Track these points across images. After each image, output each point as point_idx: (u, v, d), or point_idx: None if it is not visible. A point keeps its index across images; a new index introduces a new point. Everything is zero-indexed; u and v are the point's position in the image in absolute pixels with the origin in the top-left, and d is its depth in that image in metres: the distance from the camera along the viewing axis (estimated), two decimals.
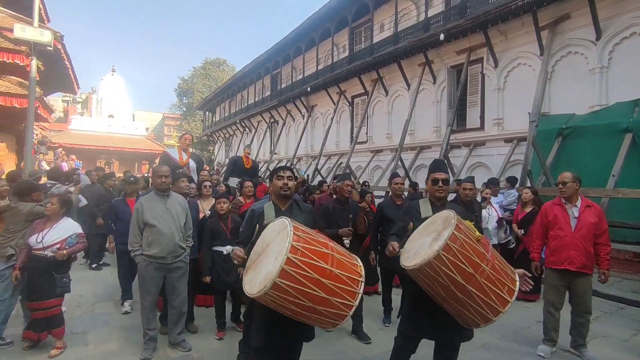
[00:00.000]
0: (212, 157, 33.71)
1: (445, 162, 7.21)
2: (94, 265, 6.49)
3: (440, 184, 2.54)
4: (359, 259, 1.99)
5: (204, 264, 3.76)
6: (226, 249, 3.69)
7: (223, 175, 9.65)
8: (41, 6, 10.90)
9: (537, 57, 8.92)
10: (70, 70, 12.32)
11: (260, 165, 12.94)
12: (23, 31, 7.91)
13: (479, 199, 5.90)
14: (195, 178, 5.35)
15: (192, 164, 5.54)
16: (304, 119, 18.65)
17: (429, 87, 11.84)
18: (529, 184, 7.49)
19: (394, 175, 4.59)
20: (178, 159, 5.38)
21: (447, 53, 11.09)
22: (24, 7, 10.32)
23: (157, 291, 3.33)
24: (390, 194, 4.49)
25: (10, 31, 9.02)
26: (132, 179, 5.44)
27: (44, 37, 8.09)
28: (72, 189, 5.59)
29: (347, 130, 15.79)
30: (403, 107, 12.86)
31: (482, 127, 10.40)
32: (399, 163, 11.48)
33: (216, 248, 3.76)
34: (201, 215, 4.19)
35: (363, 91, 14.47)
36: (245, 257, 2.11)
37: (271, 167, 17.60)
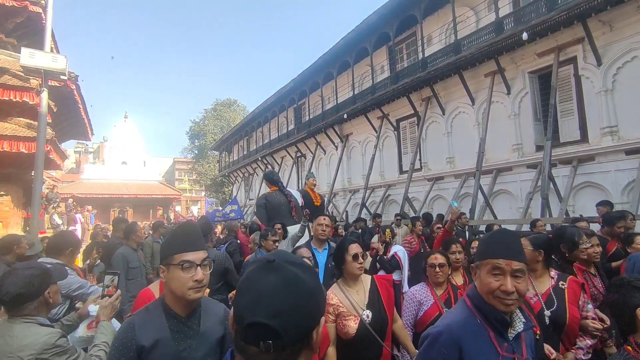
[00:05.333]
0: (228, 199, 31.96)
1: None
2: None
3: None
4: None
5: None
6: None
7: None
8: (52, 44, 9.60)
9: None
10: (84, 113, 10.90)
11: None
12: (32, 57, 6.37)
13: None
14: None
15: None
16: (337, 149, 16.95)
17: (502, 99, 10.10)
18: None
19: None
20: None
21: (525, 57, 9.44)
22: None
23: None
24: None
25: (20, 75, 7.71)
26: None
27: (57, 62, 6.55)
28: None
29: (394, 157, 13.96)
30: (466, 125, 11.10)
31: (584, 139, 8.52)
32: (479, 190, 9.52)
33: None
34: None
35: (412, 112, 12.80)
36: None
37: None
